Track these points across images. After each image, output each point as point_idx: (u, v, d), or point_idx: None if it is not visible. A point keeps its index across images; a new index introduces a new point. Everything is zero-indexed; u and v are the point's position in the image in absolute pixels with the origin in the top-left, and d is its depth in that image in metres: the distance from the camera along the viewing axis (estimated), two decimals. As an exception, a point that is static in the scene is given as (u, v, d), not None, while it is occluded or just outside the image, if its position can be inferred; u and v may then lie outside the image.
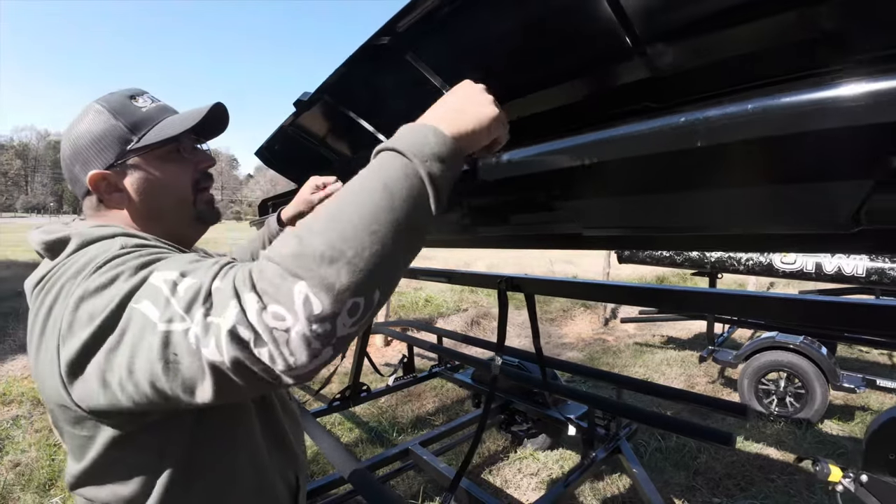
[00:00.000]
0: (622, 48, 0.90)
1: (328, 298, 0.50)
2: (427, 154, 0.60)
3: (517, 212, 0.90)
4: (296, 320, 0.50)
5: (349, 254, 0.52)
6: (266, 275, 0.52)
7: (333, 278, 0.51)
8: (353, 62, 1.19)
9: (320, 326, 0.51)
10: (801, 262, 4.40)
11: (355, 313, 0.53)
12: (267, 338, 0.51)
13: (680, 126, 0.42)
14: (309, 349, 0.51)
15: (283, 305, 0.50)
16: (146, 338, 0.56)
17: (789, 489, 3.17)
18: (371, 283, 0.53)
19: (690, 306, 1.51)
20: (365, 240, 0.53)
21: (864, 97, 0.36)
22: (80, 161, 0.83)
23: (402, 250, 0.57)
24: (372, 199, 0.55)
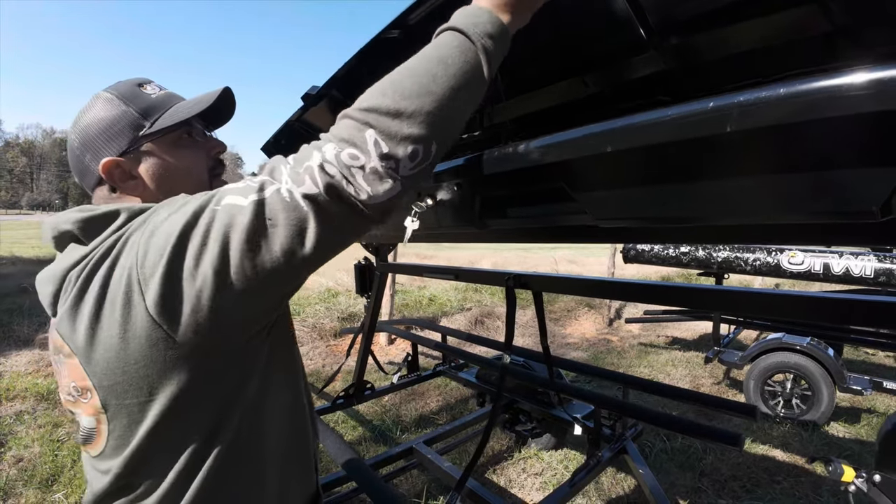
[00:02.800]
0: (637, 40, 0.89)
1: (394, 143, 0.62)
2: (480, 32, 0.68)
3: (531, 203, 0.89)
4: (368, 158, 0.63)
5: (409, 109, 0.62)
6: (342, 127, 0.65)
7: (397, 129, 0.62)
8: (363, 56, 1.17)
9: (387, 163, 0.63)
10: (808, 262, 4.38)
11: (416, 158, 0.64)
12: (346, 173, 0.63)
13: (710, 111, 0.41)
14: (380, 180, 0.64)
15: (358, 148, 0.63)
16: (237, 220, 0.63)
17: (795, 491, 3.15)
18: (428, 136, 0.64)
19: (700, 303, 1.49)
20: (424, 101, 0.63)
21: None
22: (91, 150, 0.82)
23: (457, 110, 0.67)
24: (429, 70, 0.65)
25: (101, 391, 0.70)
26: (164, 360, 0.66)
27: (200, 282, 0.63)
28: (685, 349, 6.91)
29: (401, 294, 8.34)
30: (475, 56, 0.66)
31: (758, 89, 0.39)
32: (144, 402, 0.69)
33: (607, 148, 0.49)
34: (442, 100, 0.64)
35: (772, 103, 0.38)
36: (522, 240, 1.21)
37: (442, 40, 0.68)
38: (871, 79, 0.35)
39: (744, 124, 0.39)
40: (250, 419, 0.78)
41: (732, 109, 0.40)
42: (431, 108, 0.63)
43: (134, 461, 0.72)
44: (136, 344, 0.65)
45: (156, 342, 0.65)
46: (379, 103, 0.63)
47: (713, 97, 0.41)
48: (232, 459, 0.76)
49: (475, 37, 0.67)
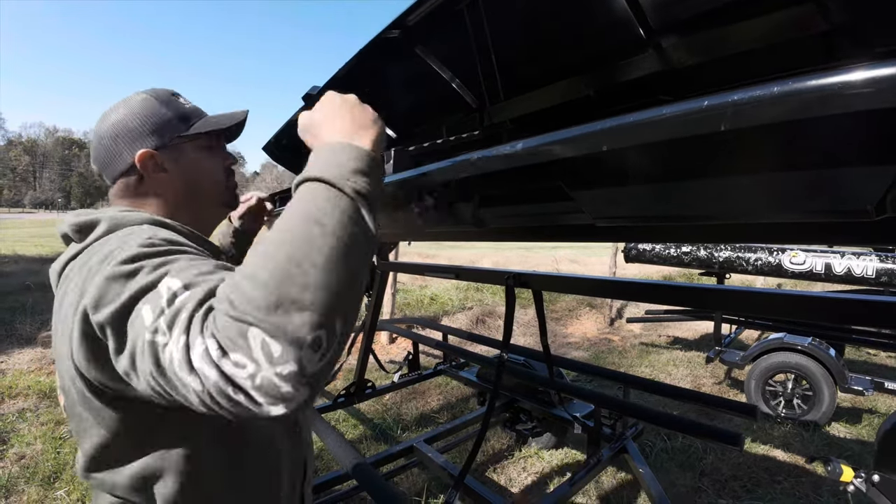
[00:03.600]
0: (636, 40, 0.89)
1: (285, 340, 0.50)
2: (347, 172, 0.60)
3: (528, 203, 0.90)
4: (258, 367, 0.50)
5: (293, 294, 0.51)
6: (220, 323, 0.52)
7: (285, 321, 0.50)
8: (363, 56, 1.18)
9: (284, 368, 0.50)
10: (810, 262, 4.37)
11: (319, 347, 0.52)
12: (233, 384, 0.50)
13: (705, 109, 0.41)
14: (280, 391, 0.50)
15: (242, 353, 0.50)
16: (140, 339, 0.58)
17: (795, 491, 3.15)
18: (326, 314, 0.52)
19: (702, 303, 1.49)
20: (307, 275, 0.52)
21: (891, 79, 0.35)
22: (128, 140, 0.90)
23: (352, 272, 0.56)
24: (305, 236, 0.54)
25: (64, 394, 0.79)
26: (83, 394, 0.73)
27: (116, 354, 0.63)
28: (686, 349, 6.91)
29: (402, 293, 8.34)
30: (351, 205, 0.59)
31: (752, 88, 0.39)
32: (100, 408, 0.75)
33: (603, 147, 0.49)
34: (328, 269, 0.53)
35: (766, 102, 0.38)
36: (520, 238, 1.21)
37: (308, 197, 0.59)
38: (864, 77, 0.35)
39: (738, 123, 0.39)
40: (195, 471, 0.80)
41: (727, 108, 0.40)
42: (319, 282, 0.52)
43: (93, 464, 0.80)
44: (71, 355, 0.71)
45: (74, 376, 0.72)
46: (253, 294, 0.51)
47: (708, 96, 0.41)
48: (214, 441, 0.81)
49: (342, 182, 0.59)
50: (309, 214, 0.56)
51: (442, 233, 1.37)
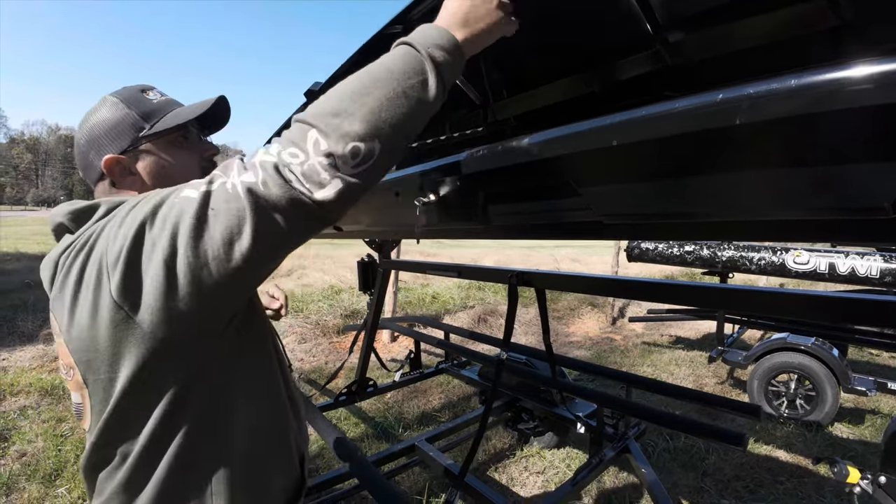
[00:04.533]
0: (643, 36, 0.88)
1: (332, 138, 0.64)
2: (429, 43, 0.71)
3: (534, 199, 0.88)
4: (307, 156, 0.65)
5: (350, 109, 0.65)
6: (288, 131, 0.68)
7: (336, 126, 0.64)
8: (365, 52, 1.17)
9: (326, 159, 0.64)
10: (814, 262, 4.35)
11: (357, 156, 0.65)
12: (287, 171, 0.64)
13: (719, 103, 0.40)
14: (319, 178, 0.64)
15: (298, 147, 0.65)
16: (186, 210, 0.66)
17: (798, 492, 3.13)
18: (368, 134, 0.65)
19: (705, 302, 1.48)
20: (364, 101, 0.65)
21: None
22: (95, 147, 0.91)
23: (400, 114, 0.67)
24: (373, 74, 0.68)
25: (80, 367, 0.77)
26: (125, 340, 0.71)
27: (154, 267, 0.67)
28: (689, 348, 6.89)
29: (404, 291, 8.34)
30: (419, 63, 0.69)
31: (768, 80, 0.38)
32: (112, 378, 0.74)
33: (613, 142, 0.48)
34: (382, 100, 0.66)
35: (782, 95, 0.37)
36: (526, 236, 1.20)
37: (391, 52, 0.72)
38: (885, 70, 0.34)
39: (753, 117, 0.38)
40: (216, 402, 0.82)
41: (742, 101, 0.39)
42: (372, 108, 0.65)
43: (106, 434, 0.78)
44: (103, 324, 0.70)
45: (118, 323, 0.70)
46: (323, 106, 0.67)
47: (722, 89, 0.40)
48: (200, 439, 0.80)
49: (421, 47, 0.70)
50: (384, 61, 0.70)
51: (446, 230, 1.35)
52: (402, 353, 3.95)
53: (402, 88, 0.67)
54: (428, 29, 0.73)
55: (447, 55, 0.72)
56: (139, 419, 0.77)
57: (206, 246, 0.66)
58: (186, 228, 0.65)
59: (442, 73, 0.71)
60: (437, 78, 0.70)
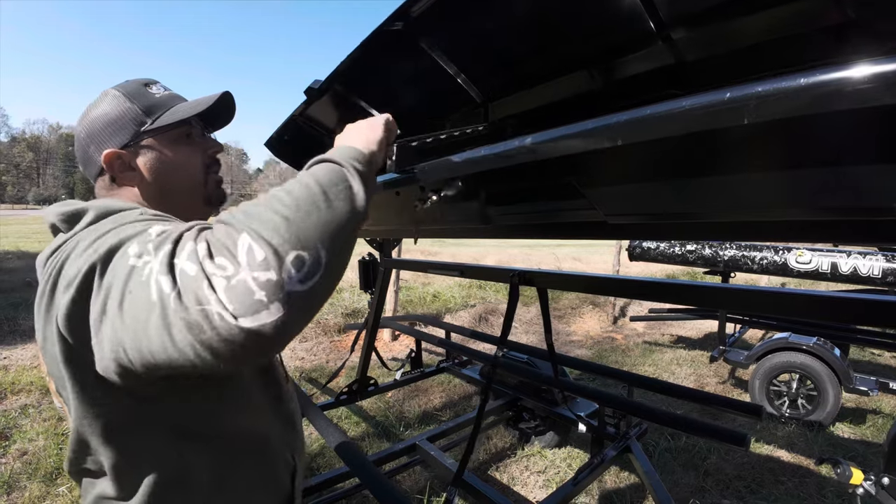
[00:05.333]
0: (646, 33, 0.87)
1: (270, 248, 0.53)
2: (346, 156, 0.71)
3: (538, 199, 0.88)
4: (238, 268, 0.52)
5: (285, 212, 0.57)
6: (216, 231, 0.57)
7: (272, 230, 0.55)
8: (365, 48, 1.16)
9: (264, 274, 0.52)
10: (816, 261, 4.34)
11: (301, 267, 0.54)
12: (209, 282, 0.52)
13: (727, 102, 0.39)
14: (252, 298, 0.51)
15: (227, 255, 0.53)
16: (119, 272, 0.59)
17: (800, 492, 3.13)
18: (312, 238, 0.57)
19: (708, 301, 1.48)
20: (299, 206, 0.58)
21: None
22: (96, 142, 0.89)
23: (336, 220, 0.61)
24: (302, 183, 0.63)
25: (53, 377, 0.76)
26: (70, 366, 0.70)
27: (92, 314, 0.62)
28: (690, 348, 6.88)
29: (405, 290, 8.33)
30: (342, 173, 0.67)
31: (776, 79, 0.37)
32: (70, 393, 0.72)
33: (618, 141, 0.47)
34: (314, 207, 0.60)
35: (791, 94, 0.36)
36: (529, 236, 1.19)
37: (311, 168, 0.69)
38: (892, 69, 0.33)
39: (762, 116, 0.37)
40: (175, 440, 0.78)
41: (750, 100, 0.38)
42: (307, 213, 0.58)
43: (77, 445, 0.77)
44: (57, 343, 0.68)
45: (62, 348, 0.68)
46: (251, 210, 0.58)
47: (730, 87, 0.39)
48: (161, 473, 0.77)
49: (341, 159, 0.70)
50: (309, 174, 0.65)
51: (448, 229, 1.35)
52: (403, 352, 3.94)
53: (332, 195, 0.63)
54: (342, 148, 0.75)
55: (364, 165, 0.72)
56: (101, 444, 0.74)
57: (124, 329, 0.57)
58: (114, 302, 0.58)
59: (364, 178, 0.70)
60: (361, 185, 0.68)
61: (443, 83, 1.24)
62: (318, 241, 0.57)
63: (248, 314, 0.50)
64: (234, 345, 0.51)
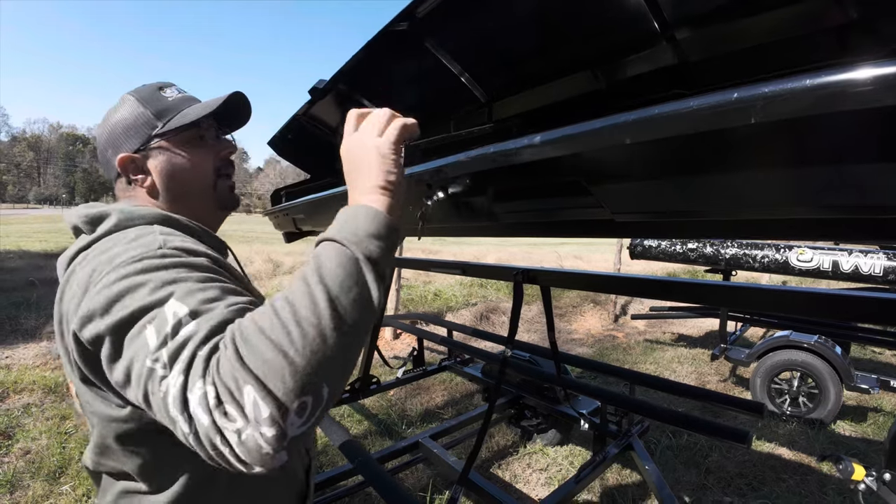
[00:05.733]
0: (650, 33, 0.88)
1: (274, 403, 0.52)
2: (361, 235, 0.63)
3: (543, 197, 0.88)
4: (246, 423, 0.52)
5: (290, 354, 0.53)
6: (222, 370, 0.54)
7: (278, 382, 0.52)
8: (370, 48, 1.17)
9: (269, 430, 0.52)
10: (817, 259, 4.35)
11: (304, 412, 0.54)
12: (220, 437, 0.54)
13: (734, 102, 0.40)
14: (260, 453, 0.53)
15: (234, 407, 0.53)
16: (139, 361, 0.60)
17: (801, 489, 3.14)
18: (317, 380, 0.54)
19: (709, 299, 1.49)
20: (307, 338, 0.54)
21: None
22: (113, 146, 0.92)
23: (348, 341, 0.58)
24: (310, 296, 0.57)
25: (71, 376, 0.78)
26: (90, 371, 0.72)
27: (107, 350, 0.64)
28: (691, 346, 6.89)
29: (406, 289, 8.35)
30: (357, 268, 0.61)
31: (783, 80, 0.38)
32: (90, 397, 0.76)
33: (627, 140, 0.47)
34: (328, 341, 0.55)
35: (798, 94, 0.37)
36: (534, 234, 1.20)
37: (321, 253, 0.62)
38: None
39: (769, 116, 0.38)
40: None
41: (757, 101, 0.39)
42: (313, 342, 0.54)
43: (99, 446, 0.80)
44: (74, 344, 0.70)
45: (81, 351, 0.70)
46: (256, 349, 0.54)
47: (737, 88, 0.40)
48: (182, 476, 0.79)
49: (354, 245, 0.62)
50: (318, 277, 0.58)
51: (453, 227, 1.35)
52: (405, 350, 3.95)
53: (342, 308, 0.57)
54: (356, 217, 0.66)
55: (381, 243, 0.64)
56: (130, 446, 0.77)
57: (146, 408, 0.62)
58: (136, 384, 0.61)
59: (381, 270, 0.63)
60: (376, 279, 0.62)
61: (447, 82, 1.24)
62: (323, 380, 0.55)
63: (258, 464, 0.54)
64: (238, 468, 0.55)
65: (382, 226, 0.65)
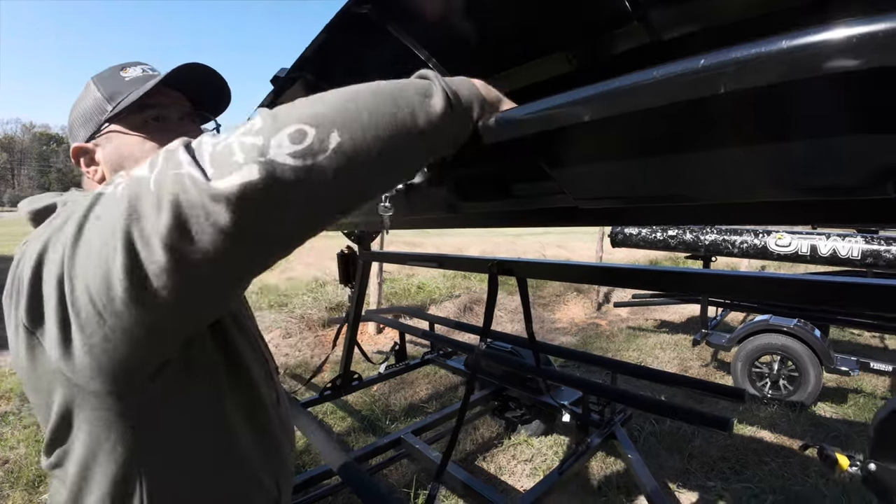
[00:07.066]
0: (622, 12, 0.84)
1: (271, 116, 0.48)
2: (444, 78, 0.59)
3: (506, 184, 0.84)
4: (230, 136, 0.48)
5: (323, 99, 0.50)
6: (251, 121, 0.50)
7: (295, 106, 0.49)
8: (330, 32, 1.11)
9: (250, 138, 0.46)
10: (795, 244, 4.37)
11: (299, 141, 0.46)
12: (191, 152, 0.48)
13: (701, 69, 0.36)
14: (231, 159, 0.45)
15: (235, 131, 0.48)
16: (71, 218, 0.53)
17: (784, 472, 3.16)
18: (327, 118, 0.48)
19: (688, 287, 1.46)
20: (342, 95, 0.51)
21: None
22: (72, 136, 0.83)
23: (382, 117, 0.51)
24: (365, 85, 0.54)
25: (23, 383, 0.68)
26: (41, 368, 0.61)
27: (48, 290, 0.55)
28: (673, 332, 6.94)
29: (389, 283, 8.29)
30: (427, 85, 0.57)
31: (757, 43, 0.34)
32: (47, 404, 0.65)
33: (585, 117, 0.43)
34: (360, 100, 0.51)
35: (774, 57, 0.33)
36: (499, 224, 1.16)
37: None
38: (887, 28, 0.30)
39: (740, 84, 0.34)
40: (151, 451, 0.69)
41: (728, 66, 0.34)
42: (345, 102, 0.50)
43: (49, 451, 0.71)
44: (22, 346, 0.61)
45: (32, 348, 0.60)
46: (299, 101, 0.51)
47: (704, 54, 0.36)
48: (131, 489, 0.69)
49: (438, 79, 0.58)
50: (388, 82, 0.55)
51: (417, 220, 1.30)
52: (389, 345, 3.91)
53: (390, 91, 0.53)
54: (452, 77, 0.62)
55: (465, 96, 0.60)
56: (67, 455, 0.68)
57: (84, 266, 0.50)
58: (69, 240, 0.51)
59: (453, 104, 0.58)
60: (446, 103, 0.57)
61: (415, 69, 1.19)
62: (334, 122, 0.48)
63: (221, 176, 0.45)
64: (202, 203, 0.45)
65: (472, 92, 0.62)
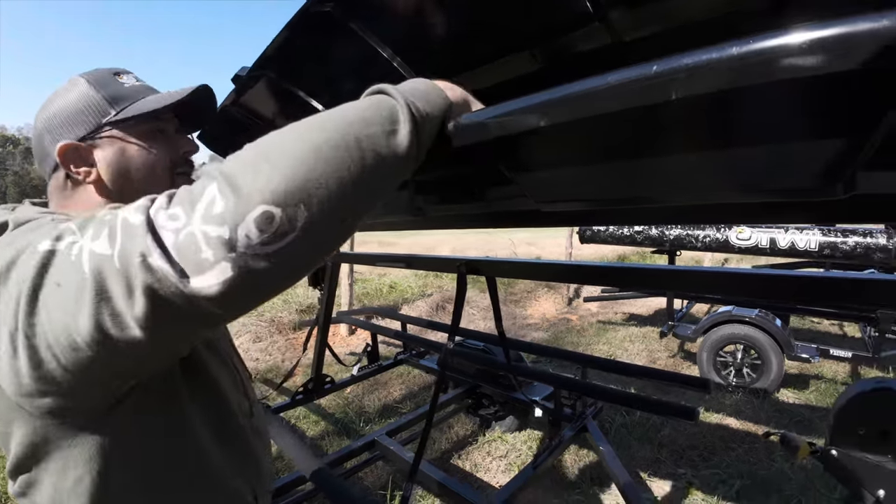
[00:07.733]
0: (582, 13, 0.84)
1: (233, 197, 0.44)
2: (409, 91, 0.56)
3: (468, 187, 0.84)
4: (189, 219, 0.45)
5: (274, 156, 0.46)
6: (197, 181, 0.48)
7: (247, 178, 0.45)
8: (292, 30, 1.09)
9: (215, 229, 0.44)
10: (755, 237, 4.50)
11: (267, 227, 0.44)
12: (155, 236, 0.45)
13: (653, 76, 0.36)
14: (198, 254, 0.44)
15: (185, 206, 0.45)
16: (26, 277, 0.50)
17: (750, 458, 3.26)
18: (290, 191, 0.45)
19: (650, 284, 1.50)
20: (297, 146, 0.46)
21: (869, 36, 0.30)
22: (52, 132, 0.79)
23: (347, 169, 0.48)
24: (323, 116, 0.50)
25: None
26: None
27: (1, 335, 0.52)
28: (641, 325, 7.09)
29: (360, 283, 8.23)
30: (392, 109, 0.53)
31: (708, 49, 0.34)
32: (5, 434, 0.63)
33: (539, 123, 0.43)
34: (322, 148, 0.47)
35: (724, 64, 0.33)
36: (463, 226, 1.16)
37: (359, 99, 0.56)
38: (843, 32, 0.31)
39: (692, 90, 0.34)
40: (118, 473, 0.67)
41: (679, 73, 0.35)
42: (304, 156, 0.46)
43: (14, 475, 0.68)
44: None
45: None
46: (244, 153, 0.48)
47: (656, 60, 0.36)
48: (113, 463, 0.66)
49: (400, 94, 0.54)
50: (345, 106, 0.52)
51: (379, 223, 1.29)
52: (361, 346, 3.88)
53: (355, 135, 0.49)
54: (415, 81, 0.60)
55: (433, 109, 0.57)
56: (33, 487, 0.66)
57: (44, 328, 0.49)
58: (23, 302, 0.49)
59: (420, 128, 0.54)
60: (413, 132, 0.53)
61: (379, 68, 1.18)
62: (301, 195, 0.45)
63: (194, 273, 0.44)
64: (179, 303, 0.45)
65: (441, 101, 0.59)
